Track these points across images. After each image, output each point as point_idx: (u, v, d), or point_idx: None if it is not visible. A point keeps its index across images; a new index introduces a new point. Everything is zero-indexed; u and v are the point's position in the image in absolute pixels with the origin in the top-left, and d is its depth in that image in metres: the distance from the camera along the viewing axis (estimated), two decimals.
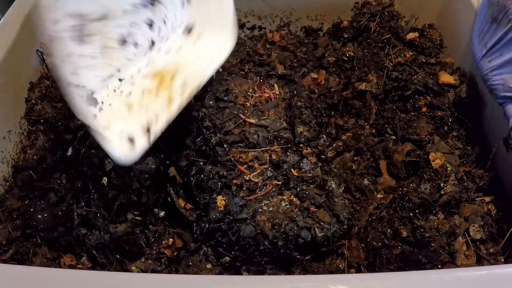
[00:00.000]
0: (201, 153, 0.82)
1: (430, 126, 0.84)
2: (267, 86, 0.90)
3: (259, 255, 0.71)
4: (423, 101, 0.86)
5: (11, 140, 0.82)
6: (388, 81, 0.89)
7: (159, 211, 0.80)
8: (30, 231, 0.69)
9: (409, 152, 0.80)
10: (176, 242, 0.77)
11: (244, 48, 1.11)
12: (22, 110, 0.86)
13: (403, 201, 0.74)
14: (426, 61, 0.93)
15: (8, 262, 0.67)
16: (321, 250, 0.73)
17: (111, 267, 0.70)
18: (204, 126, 0.83)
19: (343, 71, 0.99)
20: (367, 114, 0.90)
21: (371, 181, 0.81)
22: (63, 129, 0.79)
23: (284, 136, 0.81)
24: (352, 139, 0.88)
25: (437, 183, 0.74)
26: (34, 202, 0.71)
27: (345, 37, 1.05)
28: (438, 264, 0.67)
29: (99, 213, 0.71)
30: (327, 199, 0.75)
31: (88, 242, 0.68)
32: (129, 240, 0.72)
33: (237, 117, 0.83)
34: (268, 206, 0.72)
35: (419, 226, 0.70)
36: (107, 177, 0.76)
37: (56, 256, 0.69)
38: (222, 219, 0.72)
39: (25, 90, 0.87)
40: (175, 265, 0.75)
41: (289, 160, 0.78)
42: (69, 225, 0.69)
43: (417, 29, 1.02)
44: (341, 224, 0.74)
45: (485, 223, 0.72)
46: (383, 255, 0.70)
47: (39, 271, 0.59)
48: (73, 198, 0.72)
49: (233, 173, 0.76)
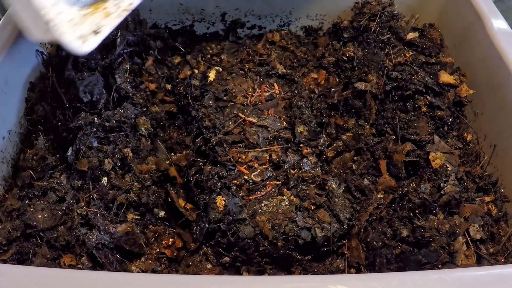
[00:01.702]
0: (201, 153, 0.82)
1: (430, 126, 0.84)
2: (266, 86, 0.91)
3: (259, 255, 0.71)
4: (423, 101, 0.86)
5: (11, 140, 0.82)
6: (388, 81, 0.89)
7: (159, 211, 0.80)
8: (30, 231, 0.68)
9: (409, 152, 0.80)
10: (176, 242, 0.77)
11: (244, 48, 1.12)
12: (22, 110, 0.86)
13: (403, 201, 0.74)
14: (426, 61, 0.93)
15: (8, 262, 0.67)
16: (321, 250, 0.73)
17: (111, 267, 0.69)
18: (204, 126, 0.83)
19: (343, 71, 0.99)
20: (367, 114, 0.90)
21: (371, 181, 0.81)
22: (63, 129, 0.79)
23: (284, 136, 0.81)
24: (352, 139, 0.88)
25: (437, 183, 0.74)
26: (34, 202, 0.71)
27: (345, 37, 1.05)
28: (438, 264, 0.67)
29: (99, 213, 0.71)
30: (327, 199, 0.75)
31: (88, 242, 0.68)
32: (129, 240, 0.72)
33: (237, 116, 0.84)
34: (268, 207, 0.72)
35: (419, 226, 0.70)
36: (107, 177, 0.76)
37: (56, 256, 0.68)
38: (221, 219, 0.72)
39: (25, 90, 0.87)
40: (175, 265, 0.75)
41: (289, 160, 0.78)
42: (69, 225, 0.69)
43: (417, 29, 1.01)
44: (341, 224, 0.74)
45: (485, 223, 0.72)
46: (383, 255, 0.70)
47: (39, 271, 0.59)
48: (73, 198, 0.72)
49: (233, 173, 0.76)
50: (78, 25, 0.73)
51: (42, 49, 0.88)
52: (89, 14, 0.76)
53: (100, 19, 0.76)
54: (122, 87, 0.86)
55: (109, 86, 0.86)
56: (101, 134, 0.78)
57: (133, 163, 0.80)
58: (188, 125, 0.90)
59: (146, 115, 0.87)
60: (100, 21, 0.75)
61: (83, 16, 0.75)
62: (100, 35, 0.73)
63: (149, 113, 0.89)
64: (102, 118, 0.79)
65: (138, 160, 0.81)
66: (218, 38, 1.15)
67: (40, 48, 0.88)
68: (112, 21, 0.76)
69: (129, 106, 0.84)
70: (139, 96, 0.89)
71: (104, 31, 0.74)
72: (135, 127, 0.84)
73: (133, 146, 0.81)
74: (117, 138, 0.80)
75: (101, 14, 0.77)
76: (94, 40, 0.72)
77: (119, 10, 0.78)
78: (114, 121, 0.79)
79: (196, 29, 1.14)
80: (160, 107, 0.93)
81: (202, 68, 1.04)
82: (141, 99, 0.89)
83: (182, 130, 0.91)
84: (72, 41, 0.69)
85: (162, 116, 0.92)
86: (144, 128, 0.85)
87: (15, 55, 0.82)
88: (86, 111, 0.80)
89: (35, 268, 0.64)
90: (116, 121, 0.80)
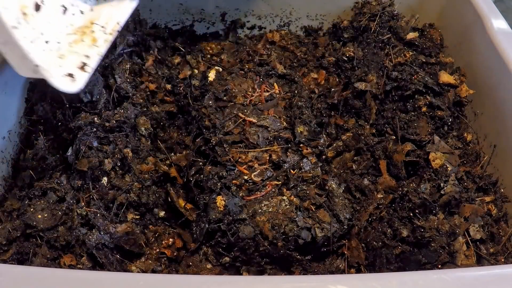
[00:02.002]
0: (201, 153, 0.82)
1: (430, 126, 0.84)
2: (266, 86, 0.90)
3: (259, 255, 0.71)
4: (423, 101, 0.86)
5: (11, 140, 0.82)
6: (388, 81, 0.89)
7: (159, 211, 0.80)
8: (30, 231, 0.68)
9: (409, 152, 0.80)
10: (176, 242, 0.77)
11: (244, 48, 1.12)
12: (22, 110, 0.86)
13: (403, 201, 0.74)
14: (426, 61, 0.93)
15: (8, 262, 0.67)
16: (321, 250, 0.73)
17: (111, 267, 0.69)
18: (204, 126, 0.83)
19: (343, 71, 0.99)
20: (367, 114, 0.90)
21: (371, 181, 0.81)
22: (63, 129, 0.79)
23: (284, 136, 0.81)
24: (352, 139, 0.88)
25: (437, 183, 0.74)
26: (34, 202, 0.71)
27: (345, 37, 1.05)
28: (438, 264, 0.67)
29: (99, 213, 0.71)
30: (327, 199, 0.75)
31: (88, 242, 0.68)
32: (129, 240, 0.72)
33: (237, 116, 0.84)
34: (268, 207, 0.72)
35: (419, 226, 0.70)
36: (107, 177, 0.76)
37: (56, 256, 0.68)
38: (221, 219, 0.72)
39: (25, 90, 0.87)
40: (175, 265, 0.75)
41: (289, 160, 0.78)
42: (69, 225, 0.69)
43: (417, 29, 1.01)
44: (341, 224, 0.74)
45: (485, 223, 0.72)
46: (383, 255, 0.70)
47: (39, 271, 0.59)
48: (73, 198, 0.72)
49: (233, 173, 0.76)
50: (65, 58, 0.72)
51: None
52: (75, 42, 0.76)
53: (87, 48, 0.76)
54: (122, 87, 0.87)
55: (109, 86, 0.86)
56: (101, 134, 0.78)
57: (133, 163, 0.80)
58: (188, 125, 0.90)
59: (146, 115, 0.87)
60: (87, 51, 0.75)
61: (69, 44, 0.75)
62: (88, 69, 0.73)
63: (149, 113, 0.89)
64: (102, 118, 0.79)
65: (138, 160, 0.81)
66: (218, 38, 1.15)
67: None
68: (99, 49, 0.77)
69: (129, 106, 0.84)
70: (139, 96, 0.89)
71: (91, 64, 0.74)
72: (135, 127, 0.84)
73: (133, 146, 0.81)
74: (117, 138, 0.79)
75: (88, 40, 0.77)
76: (82, 77, 0.72)
77: (106, 34, 0.79)
78: (114, 121, 0.79)
79: (196, 29, 1.14)
80: (160, 107, 0.93)
81: (202, 68, 1.04)
82: (141, 99, 0.89)
83: (182, 130, 0.91)
84: (61, 83, 0.68)
85: (162, 116, 0.92)
86: (144, 128, 0.85)
87: None
88: (86, 111, 0.80)
89: (35, 268, 0.64)
90: (116, 121, 0.80)
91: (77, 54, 0.74)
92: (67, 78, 0.70)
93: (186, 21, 1.13)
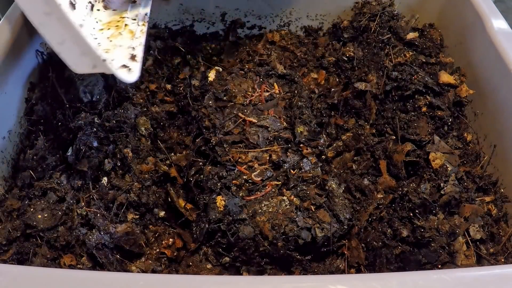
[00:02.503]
0: (201, 153, 0.82)
1: (430, 126, 0.84)
2: (266, 86, 0.90)
3: (259, 255, 0.71)
4: (423, 101, 0.86)
5: (11, 140, 0.82)
6: (388, 81, 0.89)
7: (159, 211, 0.80)
8: (30, 231, 0.68)
9: (409, 152, 0.80)
10: (176, 242, 0.77)
11: (244, 48, 1.12)
12: (22, 110, 0.86)
13: (403, 201, 0.74)
14: (426, 61, 0.93)
15: (8, 262, 0.67)
16: (321, 250, 0.73)
17: (111, 267, 0.69)
18: (204, 126, 0.83)
19: (343, 71, 0.99)
20: (367, 114, 0.90)
21: (371, 181, 0.81)
22: (63, 129, 0.79)
23: (284, 136, 0.81)
24: (352, 139, 0.88)
25: (437, 183, 0.74)
26: (34, 202, 0.71)
27: (345, 37, 1.05)
28: (438, 264, 0.67)
29: (99, 213, 0.71)
30: (327, 199, 0.75)
31: (88, 242, 0.68)
32: (129, 240, 0.72)
33: (237, 116, 0.84)
34: (268, 207, 0.72)
35: (419, 226, 0.70)
36: (107, 177, 0.76)
37: (56, 256, 0.68)
38: (221, 219, 0.72)
39: (25, 90, 0.87)
40: (175, 265, 0.75)
41: (289, 160, 0.78)
42: (69, 225, 0.69)
43: (417, 29, 1.01)
44: (341, 224, 0.74)
45: (485, 223, 0.72)
46: (383, 255, 0.70)
47: (39, 271, 0.59)
48: (73, 198, 0.72)
49: (233, 174, 0.76)
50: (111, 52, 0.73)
51: (42, 49, 0.88)
52: (113, 37, 0.76)
53: (128, 40, 0.76)
54: (122, 87, 0.87)
55: (109, 86, 0.86)
56: (101, 134, 0.78)
57: (133, 163, 0.80)
58: (188, 125, 0.90)
59: (146, 115, 0.87)
60: (129, 43, 0.76)
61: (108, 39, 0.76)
62: (138, 58, 0.74)
63: (149, 113, 0.89)
64: (102, 118, 0.79)
65: (138, 160, 0.81)
66: (218, 38, 1.15)
67: (40, 48, 0.88)
68: (140, 40, 0.77)
69: (129, 106, 0.84)
70: (139, 96, 0.89)
71: (139, 54, 0.74)
72: (135, 127, 0.84)
73: (133, 146, 0.81)
74: (117, 138, 0.80)
75: (126, 33, 0.77)
76: (136, 66, 0.72)
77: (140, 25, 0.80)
78: (114, 121, 0.79)
79: (196, 29, 1.14)
80: (160, 107, 0.93)
81: (202, 68, 1.04)
82: (141, 99, 0.89)
83: (182, 130, 0.91)
84: (123, 74, 0.69)
85: (162, 116, 0.92)
86: (144, 128, 0.85)
87: (15, 55, 0.82)
88: (86, 111, 0.80)
89: (35, 268, 0.64)
90: (116, 121, 0.80)
91: (121, 47, 0.75)
92: (124, 69, 0.71)
93: (186, 21, 1.13)
